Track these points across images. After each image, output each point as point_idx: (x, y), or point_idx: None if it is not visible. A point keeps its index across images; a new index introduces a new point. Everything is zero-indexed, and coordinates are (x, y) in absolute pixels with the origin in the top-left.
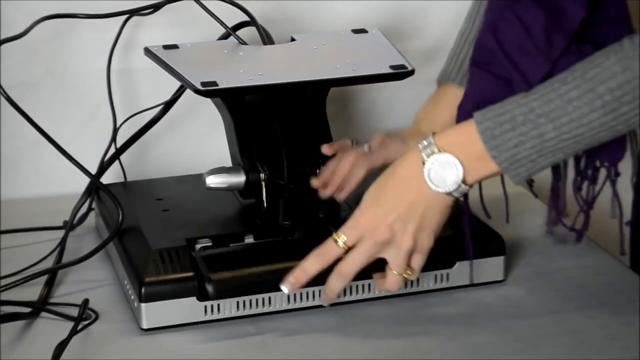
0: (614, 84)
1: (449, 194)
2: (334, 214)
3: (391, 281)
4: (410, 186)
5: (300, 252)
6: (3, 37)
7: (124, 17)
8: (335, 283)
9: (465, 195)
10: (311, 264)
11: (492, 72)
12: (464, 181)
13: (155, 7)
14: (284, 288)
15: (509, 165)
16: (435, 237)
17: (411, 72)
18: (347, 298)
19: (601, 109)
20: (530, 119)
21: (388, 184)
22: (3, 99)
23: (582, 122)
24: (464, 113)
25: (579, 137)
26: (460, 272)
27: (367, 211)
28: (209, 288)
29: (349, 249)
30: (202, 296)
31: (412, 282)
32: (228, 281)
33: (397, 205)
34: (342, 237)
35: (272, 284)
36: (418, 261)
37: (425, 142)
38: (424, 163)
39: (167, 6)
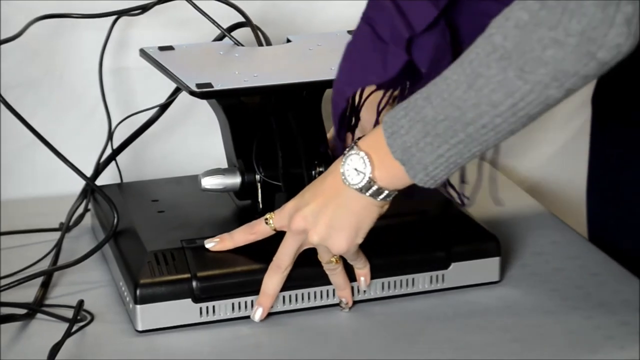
0: (473, 55)
1: (360, 191)
2: None
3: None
4: (328, 183)
5: None
6: (1, 37)
7: (121, 17)
8: (272, 276)
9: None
10: (239, 234)
11: (375, 32)
12: (373, 179)
13: (144, 8)
14: (207, 244)
15: (402, 154)
16: (350, 240)
17: None
18: None
19: (464, 83)
20: (417, 104)
21: (316, 181)
22: None
23: (451, 100)
24: (340, 90)
25: (453, 120)
26: (455, 273)
27: (293, 201)
28: (195, 285)
29: (276, 232)
30: (197, 298)
31: (407, 283)
32: (214, 279)
33: (314, 199)
34: (271, 219)
35: (260, 283)
36: (350, 259)
37: (351, 144)
38: (342, 160)
39: (163, 7)
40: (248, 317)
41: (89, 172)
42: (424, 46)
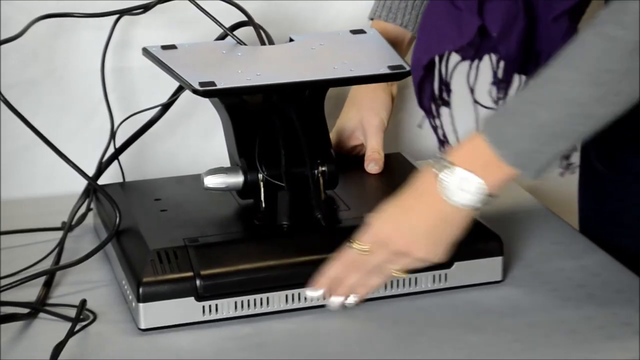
0: (588, 54)
1: (473, 207)
2: (331, 214)
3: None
4: (426, 202)
5: (294, 251)
6: (2, 37)
7: (122, 17)
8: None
9: None
10: (333, 271)
11: (450, 0)
12: (486, 192)
13: (146, 7)
14: (310, 293)
15: (516, 159)
16: (449, 249)
17: (409, 73)
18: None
19: (584, 82)
20: (523, 109)
21: (405, 200)
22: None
23: (572, 99)
24: (416, 59)
25: (574, 117)
26: (458, 272)
27: (385, 224)
28: (198, 284)
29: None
30: (200, 296)
31: (410, 282)
32: (217, 277)
33: (415, 220)
34: (359, 245)
35: (263, 282)
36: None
37: (435, 158)
38: (438, 179)
39: (165, 6)
40: (251, 315)
41: (90, 172)
42: (494, 10)
